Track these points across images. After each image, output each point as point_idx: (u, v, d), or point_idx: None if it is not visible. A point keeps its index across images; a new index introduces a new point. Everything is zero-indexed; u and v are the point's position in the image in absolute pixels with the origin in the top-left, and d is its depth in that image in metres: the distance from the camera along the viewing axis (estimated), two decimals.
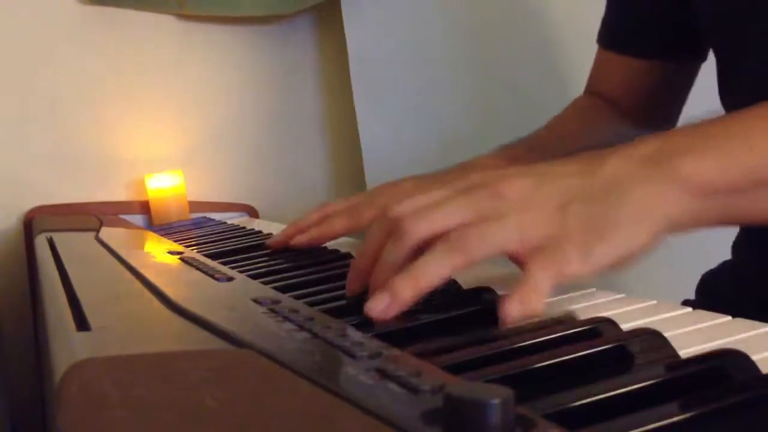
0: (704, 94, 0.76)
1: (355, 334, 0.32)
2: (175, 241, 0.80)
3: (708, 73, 0.74)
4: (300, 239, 0.64)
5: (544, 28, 1.32)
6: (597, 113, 0.81)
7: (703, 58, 0.75)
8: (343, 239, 0.66)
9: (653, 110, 0.80)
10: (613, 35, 0.79)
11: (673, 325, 0.34)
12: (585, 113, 0.81)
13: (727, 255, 0.73)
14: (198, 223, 1.12)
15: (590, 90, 0.84)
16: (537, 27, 1.32)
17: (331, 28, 1.36)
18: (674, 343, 0.31)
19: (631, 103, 0.79)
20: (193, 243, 0.81)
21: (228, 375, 0.27)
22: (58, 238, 0.77)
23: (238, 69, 1.34)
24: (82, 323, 0.36)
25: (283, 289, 0.45)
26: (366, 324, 0.37)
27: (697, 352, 0.30)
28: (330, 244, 0.65)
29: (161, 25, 1.27)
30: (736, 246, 0.72)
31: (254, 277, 0.51)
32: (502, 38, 1.32)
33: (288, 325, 0.34)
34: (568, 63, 1.29)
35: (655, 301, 0.38)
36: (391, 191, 0.64)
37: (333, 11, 1.32)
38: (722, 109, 0.66)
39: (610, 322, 0.34)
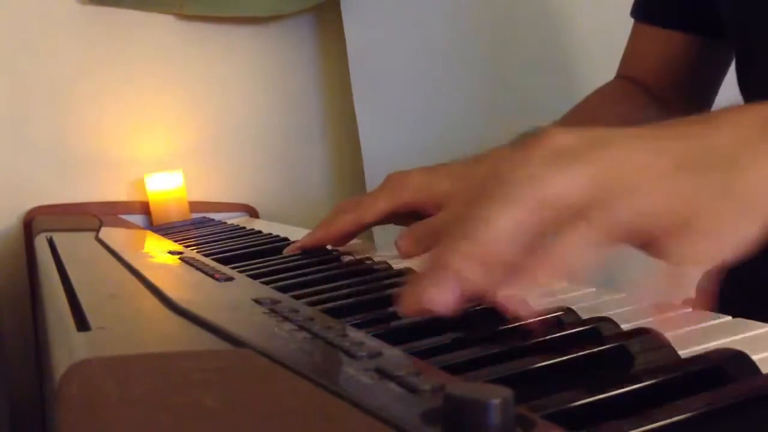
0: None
1: (355, 334, 0.32)
2: (175, 241, 0.80)
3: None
4: (305, 241, 0.63)
5: (545, 28, 1.32)
6: (627, 96, 0.77)
7: None
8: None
9: (688, 91, 0.76)
10: (650, 6, 0.76)
11: (673, 325, 0.34)
12: (615, 97, 0.77)
13: None
14: (198, 223, 1.12)
15: (622, 73, 0.81)
16: (538, 26, 1.32)
17: (331, 28, 1.36)
18: (674, 343, 0.31)
19: (666, 83, 0.75)
20: (193, 243, 0.81)
21: (228, 375, 0.27)
22: (58, 238, 0.77)
23: (239, 69, 1.34)
24: (82, 323, 0.36)
25: (283, 289, 0.45)
26: (366, 324, 0.37)
27: (697, 352, 0.30)
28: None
29: (161, 25, 1.27)
30: None
31: (254, 277, 0.51)
32: (503, 38, 1.32)
33: (288, 325, 0.34)
34: (570, 63, 1.29)
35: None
36: (400, 181, 0.61)
37: (333, 11, 1.32)
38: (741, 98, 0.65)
39: (610, 322, 0.34)
